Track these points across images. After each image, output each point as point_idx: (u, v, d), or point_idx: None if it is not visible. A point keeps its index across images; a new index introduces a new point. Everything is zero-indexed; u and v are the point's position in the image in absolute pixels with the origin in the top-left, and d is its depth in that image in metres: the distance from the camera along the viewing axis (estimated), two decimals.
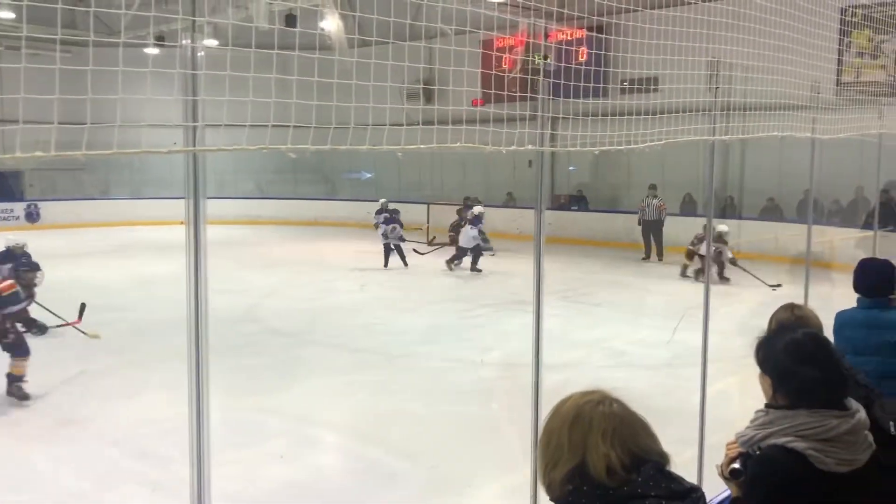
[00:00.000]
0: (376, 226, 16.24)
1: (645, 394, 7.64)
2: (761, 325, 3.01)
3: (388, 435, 6.46)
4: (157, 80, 2.40)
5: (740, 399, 2.27)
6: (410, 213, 21.10)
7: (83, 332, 9.46)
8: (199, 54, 2.04)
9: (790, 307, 3.24)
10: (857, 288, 4.11)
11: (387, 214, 16.15)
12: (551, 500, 1.81)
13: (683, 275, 14.71)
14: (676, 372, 8.14)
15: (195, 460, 2.18)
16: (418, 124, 2.90)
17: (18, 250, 10.16)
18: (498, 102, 3.72)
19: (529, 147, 2.89)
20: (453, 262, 15.61)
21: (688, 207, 19.77)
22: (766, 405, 2.33)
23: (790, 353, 2.26)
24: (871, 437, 2.27)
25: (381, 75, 3.01)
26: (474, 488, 5.55)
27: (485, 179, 22.89)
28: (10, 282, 7.56)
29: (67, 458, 5.91)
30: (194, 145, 1.99)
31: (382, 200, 17.18)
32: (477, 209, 15.78)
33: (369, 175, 26.81)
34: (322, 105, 2.89)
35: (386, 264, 15.96)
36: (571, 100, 3.87)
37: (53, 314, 9.78)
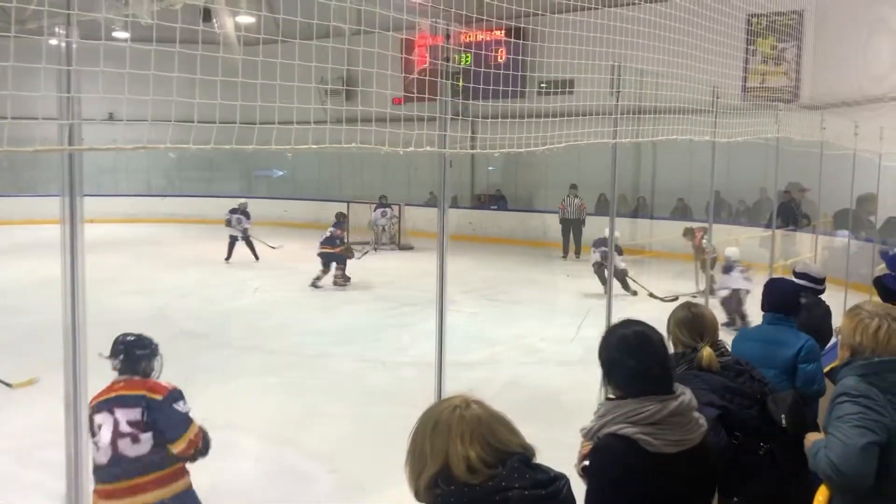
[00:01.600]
0: (227, 223, 16.37)
1: (559, 389, 7.79)
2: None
3: (302, 437, 6.37)
4: (74, 76, 2.28)
5: None
6: (329, 211, 20.87)
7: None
8: (73, 47, 1.94)
9: (688, 305, 3.37)
10: (762, 306, 4.29)
11: (236, 207, 16.43)
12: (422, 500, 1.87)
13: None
14: (591, 368, 8.29)
15: (72, 473, 2.09)
16: (326, 122, 2.85)
17: None
18: (416, 102, 3.70)
19: (428, 148, 2.89)
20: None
21: (603, 207, 20.21)
22: (607, 397, 2.50)
23: (616, 348, 2.46)
24: (702, 419, 2.45)
25: (287, 72, 2.95)
26: (384, 488, 5.52)
27: (406, 179, 22.87)
28: None
29: None
30: (71, 143, 1.90)
31: (241, 201, 17.04)
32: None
33: (281, 173, 26.35)
34: (229, 102, 2.81)
35: (228, 257, 16.15)
36: (487, 102, 3.90)
37: None
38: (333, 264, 13.68)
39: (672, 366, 2.61)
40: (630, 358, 2.40)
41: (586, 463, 2.45)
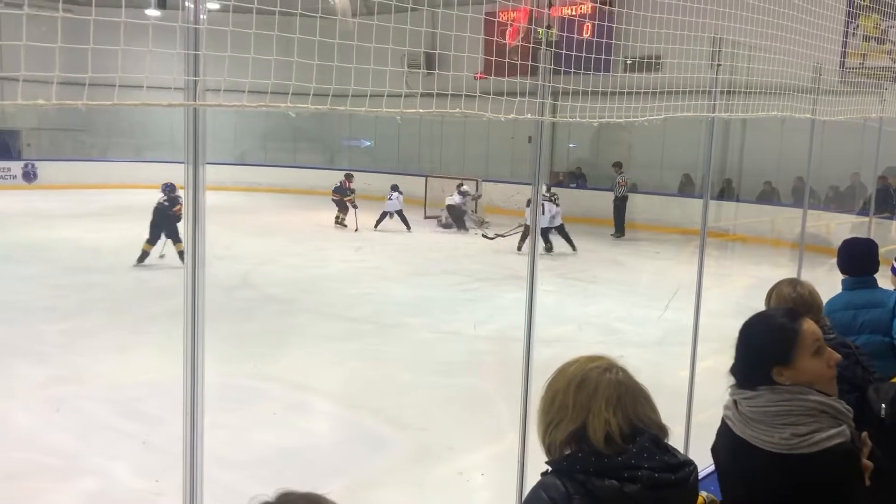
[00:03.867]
0: (388, 198, 17.78)
1: (635, 370, 7.68)
2: (754, 307, 3.02)
3: (379, 403, 6.49)
4: (158, 44, 2.37)
5: (728, 378, 2.31)
6: (408, 184, 21.04)
7: None
8: (201, 16, 2.00)
9: (792, 282, 3.23)
10: (841, 268, 4.12)
11: (395, 184, 18.06)
12: (549, 461, 1.82)
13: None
14: (666, 350, 8.18)
15: (188, 421, 2.19)
16: (418, 93, 2.88)
17: None
18: (501, 76, 3.68)
19: (529, 116, 2.87)
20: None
21: (686, 188, 19.76)
22: None
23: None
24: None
25: (385, 43, 2.98)
26: (460, 455, 5.60)
27: (484, 154, 22.81)
28: None
29: (57, 415, 5.94)
30: (195, 100, 1.96)
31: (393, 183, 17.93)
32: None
33: (368, 143, 26.66)
34: (323, 70, 2.86)
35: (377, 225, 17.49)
36: (573, 72, 3.84)
37: None
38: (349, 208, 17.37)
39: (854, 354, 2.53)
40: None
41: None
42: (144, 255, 11.99)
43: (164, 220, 11.95)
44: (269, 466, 5.27)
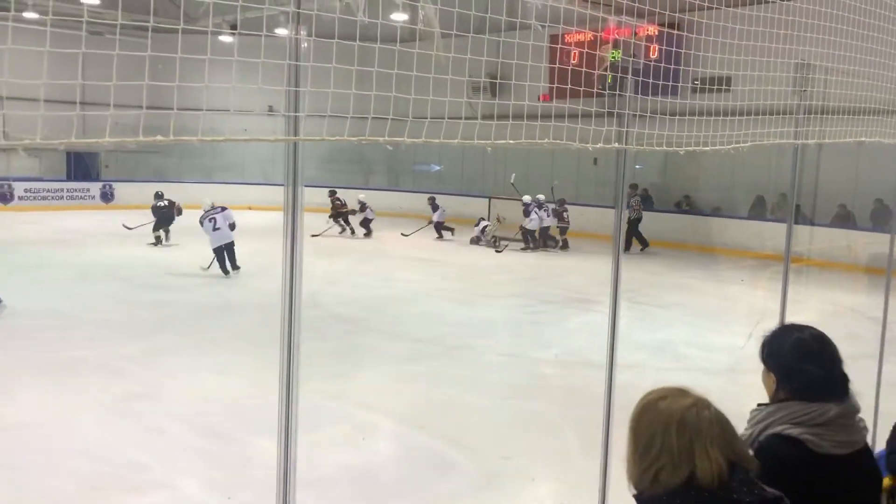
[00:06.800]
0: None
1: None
2: (832, 336, 2.92)
3: (445, 425, 6.50)
4: (231, 71, 2.45)
5: None
6: (471, 206, 21.13)
7: None
8: (302, 45, 2.07)
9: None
10: None
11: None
12: (642, 495, 1.81)
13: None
14: (738, 378, 7.97)
15: (282, 440, 2.26)
16: (476, 120, 2.90)
17: None
18: (567, 98, 3.68)
19: (616, 145, 2.86)
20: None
21: (756, 210, 19.31)
22: (759, 404, 2.40)
23: (795, 352, 2.33)
24: (864, 422, 2.33)
25: (449, 69, 3.01)
26: (527, 481, 5.55)
27: (549, 175, 22.72)
28: None
29: (132, 430, 6.12)
30: (295, 134, 2.03)
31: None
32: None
33: (438, 168, 26.94)
34: (386, 98, 2.89)
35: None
36: (640, 96, 3.81)
37: None
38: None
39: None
40: (812, 365, 2.29)
41: None
42: (158, 240, 16.59)
43: (165, 218, 16.70)
44: (337, 486, 5.32)
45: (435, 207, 20.01)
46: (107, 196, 24.54)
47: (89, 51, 2.05)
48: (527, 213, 18.38)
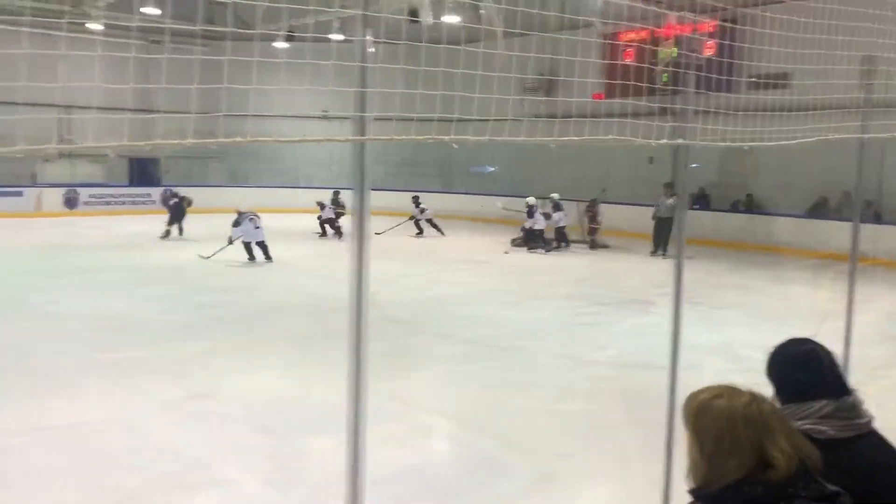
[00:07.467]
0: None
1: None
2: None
3: (498, 426, 6.48)
4: (287, 77, 2.49)
5: (876, 412, 2.12)
6: (521, 207, 20.99)
7: None
8: (369, 49, 2.10)
9: None
10: None
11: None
12: (700, 491, 1.83)
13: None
14: None
15: (353, 437, 2.29)
16: (547, 117, 2.89)
17: None
18: (620, 97, 3.65)
19: (680, 141, 2.82)
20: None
21: (818, 210, 18.79)
22: None
23: (785, 362, 2.44)
24: (869, 412, 2.33)
25: (503, 70, 3.01)
26: (582, 483, 5.50)
27: (605, 175, 22.50)
28: None
29: (192, 428, 6.27)
30: (364, 134, 2.06)
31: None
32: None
33: (493, 169, 26.93)
34: (458, 98, 2.90)
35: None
36: (695, 92, 3.74)
37: None
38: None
39: (842, 373, 2.52)
40: (801, 371, 2.36)
41: None
42: (168, 233, 18.55)
43: (178, 213, 18.82)
44: (391, 486, 5.35)
45: (416, 204, 20.90)
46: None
47: (154, 56, 2.11)
48: (530, 214, 18.44)
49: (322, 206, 20.30)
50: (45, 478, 5.27)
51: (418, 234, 20.69)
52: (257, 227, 15.28)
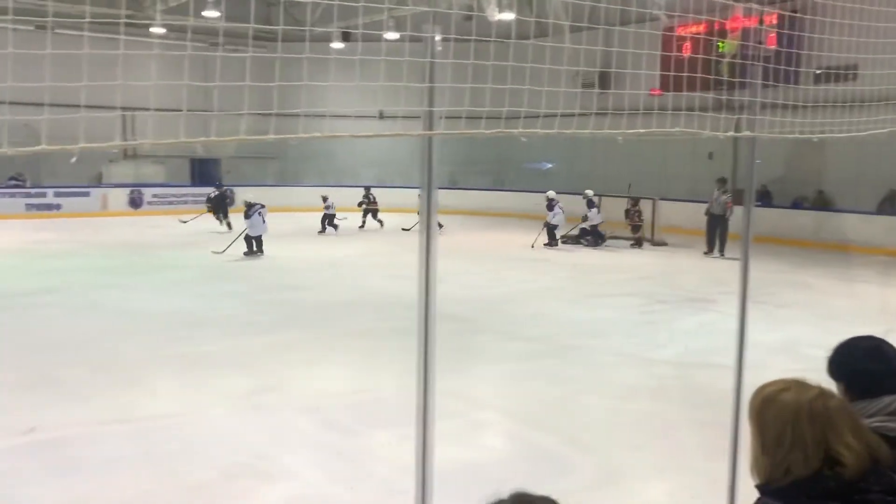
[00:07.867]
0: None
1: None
2: None
3: (560, 424, 6.49)
4: (342, 75, 2.56)
5: None
6: (578, 204, 20.88)
7: None
8: (437, 48, 2.15)
9: None
10: None
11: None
12: (767, 487, 1.81)
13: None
14: None
15: (421, 432, 2.34)
16: (611, 111, 2.91)
17: None
18: (678, 91, 3.62)
19: (747, 133, 2.81)
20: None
21: (886, 206, 18.22)
22: None
23: (858, 355, 2.42)
24: None
25: (559, 63, 3.03)
26: (644, 482, 5.48)
27: (662, 172, 22.21)
28: None
29: (261, 422, 6.43)
30: (431, 129, 2.11)
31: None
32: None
33: (549, 165, 26.81)
34: (499, 93, 2.92)
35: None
36: (761, 84, 3.70)
37: None
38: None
39: None
40: (870, 363, 2.35)
41: None
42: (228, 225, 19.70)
43: (223, 203, 20.89)
44: (452, 481, 5.39)
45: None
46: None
47: (211, 54, 2.19)
48: (550, 208, 18.27)
49: (325, 200, 20.50)
50: (120, 466, 5.48)
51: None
52: (264, 222, 15.86)
